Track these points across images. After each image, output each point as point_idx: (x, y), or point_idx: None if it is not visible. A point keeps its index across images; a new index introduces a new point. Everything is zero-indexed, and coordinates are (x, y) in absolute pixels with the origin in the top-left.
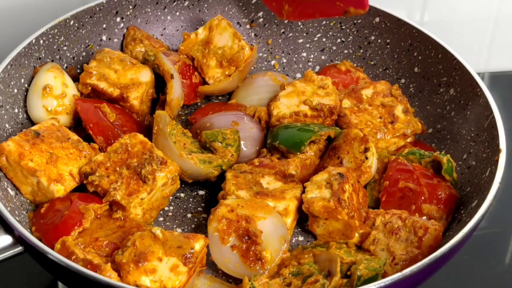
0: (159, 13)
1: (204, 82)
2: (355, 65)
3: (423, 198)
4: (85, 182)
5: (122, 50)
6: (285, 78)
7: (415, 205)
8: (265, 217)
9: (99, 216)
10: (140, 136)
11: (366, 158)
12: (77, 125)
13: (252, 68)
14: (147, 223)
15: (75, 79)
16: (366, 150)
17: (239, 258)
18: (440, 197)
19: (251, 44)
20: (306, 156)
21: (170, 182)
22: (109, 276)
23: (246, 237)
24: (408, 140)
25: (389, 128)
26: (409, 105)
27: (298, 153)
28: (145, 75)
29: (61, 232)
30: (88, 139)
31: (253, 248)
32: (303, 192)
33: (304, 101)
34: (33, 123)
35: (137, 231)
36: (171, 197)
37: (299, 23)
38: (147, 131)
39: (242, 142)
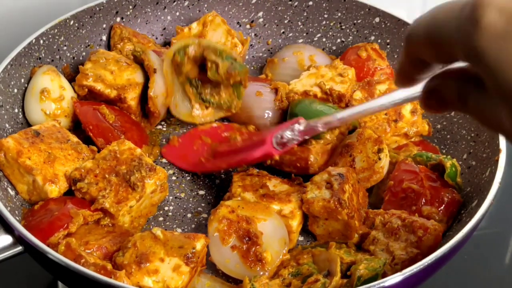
0: (159, 13)
1: None
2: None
3: (424, 200)
4: (73, 188)
5: (109, 49)
6: (324, 53)
7: (416, 206)
8: (265, 219)
9: (88, 222)
10: (128, 143)
11: (379, 158)
12: (76, 127)
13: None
14: (135, 231)
15: (70, 78)
16: (380, 151)
17: (239, 258)
18: (441, 200)
19: (250, 44)
20: (328, 140)
21: (159, 189)
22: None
23: (247, 238)
24: (412, 139)
25: (391, 126)
26: (419, 106)
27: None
28: (141, 76)
29: (45, 231)
30: (87, 141)
31: (253, 249)
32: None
33: (318, 83)
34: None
35: (129, 235)
36: (171, 197)
37: (299, 23)
38: (145, 131)
39: (266, 112)
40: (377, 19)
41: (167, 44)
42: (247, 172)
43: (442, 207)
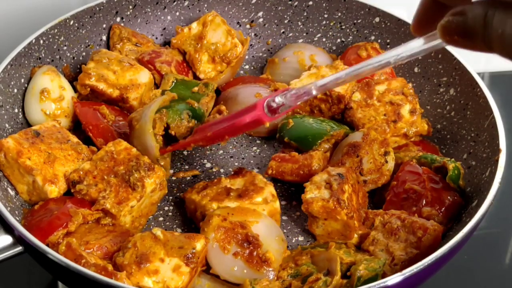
0: (159, 13)
1: (194, 77)
2: None
3: (424, 201)
4: (72, 190)
5: (109, 50)
6: (324, 52)
7: (416, 207)
8: (257, 221)
9: (88, 221)
10: (124, 143)
11: (386, 161)
12: (76, 127)
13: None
14: (136, 231)
15: (71, 78)
16: (386, 153)
17: (244, 263)
18: (442, 202)
19: (250, 44)
20: (326, 149)
21: (159, 188)
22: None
23: (246, 243)
24: (412, 139)
25: (390, 126)
26: (418, 106)
27: (309, 150)
28: (144, 76)
29: (44, 231)
30: (87, 141)
31: (255, 252)
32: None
33: None
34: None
35: (129, 235)
36: (171, 197)
37: (299, 23)
38: None
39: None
40: (377, 19)
41: (167, 44)
42: (196, 187)
43: (442, 209)
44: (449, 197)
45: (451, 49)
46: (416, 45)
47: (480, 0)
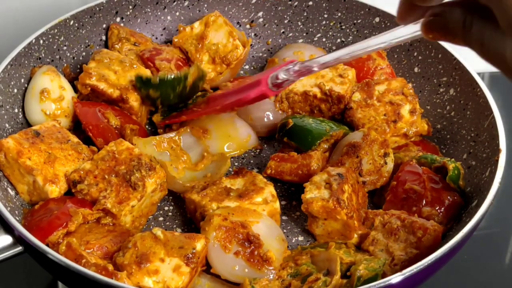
0: (159, 13)
1: None
2: None
3: (424, 201)
4: (73, 190)
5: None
6: (324, 52)
7: (416, 208)
8: (257, 221)
9: (88, 221)
10: (126, 143)
11: (385, 163)
12: (76, 127)
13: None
14: (136, 231)
15: (71, 78)
16: (386, 155)
17: (245, 262)
18: (442, 202)
19: (250, 44)
20: (325, 149)
21: (159, 188)
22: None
23: (247, 242)
24: (412, 139)
25: (390, 126)
26: (418, 106)
27: (308, 150)
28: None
29: (44, 230)
30: (87, 141)
31: (256, 251)
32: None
33: (318, 84)
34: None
35: (129, 235)
36: (171, 197)
37: (299, 23)
38: (147, 132)
39: (266, 113)
40: (377, 19)
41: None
42: (196, 187)
43: (442, 209)
44: (449, 197)
45: (451, 49)
46: (403, 32)
47: (457, 1)
